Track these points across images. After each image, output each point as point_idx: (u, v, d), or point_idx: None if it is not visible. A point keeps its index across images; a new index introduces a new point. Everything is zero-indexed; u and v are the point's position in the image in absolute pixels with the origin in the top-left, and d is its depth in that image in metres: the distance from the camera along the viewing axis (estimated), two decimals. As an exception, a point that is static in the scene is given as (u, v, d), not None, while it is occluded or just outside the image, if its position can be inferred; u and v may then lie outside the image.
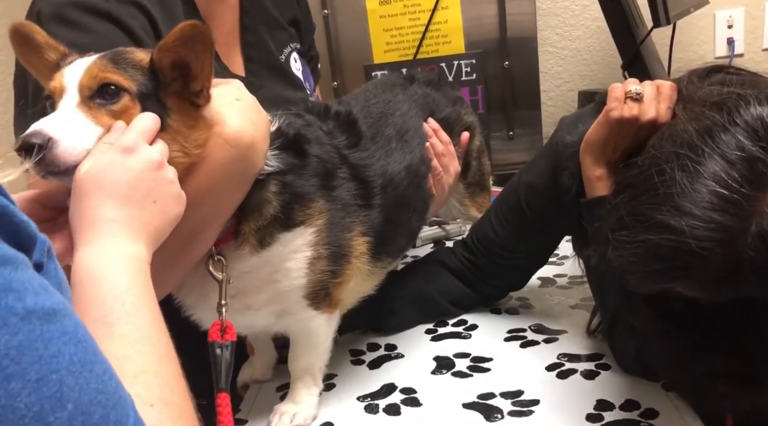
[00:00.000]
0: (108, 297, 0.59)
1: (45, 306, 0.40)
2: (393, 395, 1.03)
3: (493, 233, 1.20)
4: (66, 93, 0.75)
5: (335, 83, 2.06)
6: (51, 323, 0.40)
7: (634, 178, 0.79)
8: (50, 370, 0.38)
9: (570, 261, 1.48)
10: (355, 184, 1.01)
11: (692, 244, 0.68)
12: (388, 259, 1.11)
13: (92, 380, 0.41)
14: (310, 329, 0.99)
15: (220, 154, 0.80)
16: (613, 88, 0.95)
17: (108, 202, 0.66)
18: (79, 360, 0.40)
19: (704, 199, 0.69)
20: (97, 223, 0.65)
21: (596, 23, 2.17)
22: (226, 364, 0.78)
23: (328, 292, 0.97)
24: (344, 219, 0.97)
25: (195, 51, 0.76)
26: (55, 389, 0.38)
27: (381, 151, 1.09)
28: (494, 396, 0.99)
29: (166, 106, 0.78)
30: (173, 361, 0.58)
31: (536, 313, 1.26)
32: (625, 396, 0.94)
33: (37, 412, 0.37)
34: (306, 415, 0.97)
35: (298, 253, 0.92)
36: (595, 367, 1.03)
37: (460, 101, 1.41)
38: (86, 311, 0.57)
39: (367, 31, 2.02)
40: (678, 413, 0.89)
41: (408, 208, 1.15)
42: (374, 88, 1.27)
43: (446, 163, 1.27)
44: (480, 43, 2.01)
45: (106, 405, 0.41)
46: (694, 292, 0.74)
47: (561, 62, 2.26)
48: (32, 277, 0.41)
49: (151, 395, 0.52)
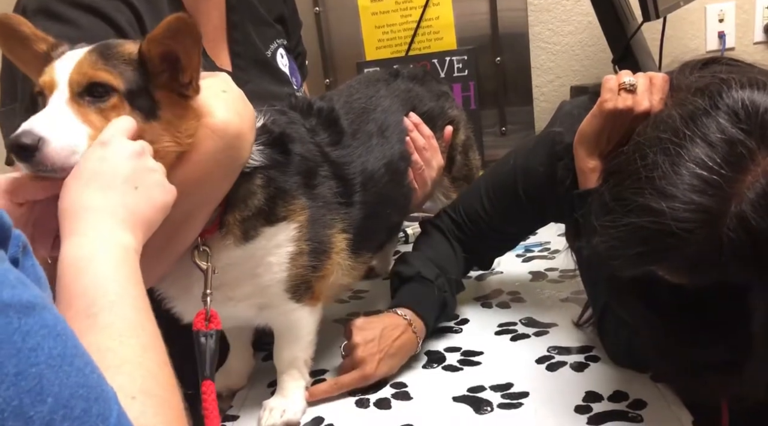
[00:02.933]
0: (91, 287, 0.58)
1: (23, 299, 0.39)
2: (384, 389, 1.03)
3: (483, 212, 1.20)
4: (56, 88, 0.75)
5: (327, 80, 2.07)
6: (29, 316, 0.39)
7: (619, 165, 0.80)
8: (29, 364, 0.38)
9: (561, 255, 1.48)
10: (336, 182, 1.02)
11: (673, 226, 0.68)
12: (368, 254, 1.13)
13: (73, 373, 0.40)
14: (293, 322, 0.99)
15: (207, 144, 0.81)
16: (606, 80, 0.95)
17: (87, 192, 0.66)
18: (59, 353, 0.40)
19: (685, 181, 0.69)
20: (79, 213, 0.65)
21: (587, 18, 2.17)
22: (210, 352, 0.79)
23: (310, 285, 0.98)
24: (325, 216, 0.98)
25: (183, 43, 0.77)
26: (35, 383, 0.37)
27: (362, 147, 1.09)
28: (484, 389, 1.00)
29: (156, 98, 0.79)
30: (158, 350, 0.57)
31: (527, 307, 1.26)
32: (614, 387, 0.94)
33: (17, 406, 0.36)
34: (295, 409, 0.97)
35: (280, 248, 0.93)
36: (585, 360, 1.04)
37: (445, 95, 1.41)
38: (71, 303, 0.57)
39: (359, 28, 2.02)
40: (666, 403, 0.90)
41: (388, 204, 1.16)
42: (358, 84, 1.28)
43: (428, 157, 1.27)
44: (472, 39, 2.01)
45: (87, 398, 0.40)
46: (676, 275, 0.75)
47: (553, 58, 2.26)
48: (8, 270, 0.40)
49: (134, 387, 0.51)
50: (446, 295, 1.15)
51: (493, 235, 1.22)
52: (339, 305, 1.36)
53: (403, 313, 1.09)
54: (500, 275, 1.43)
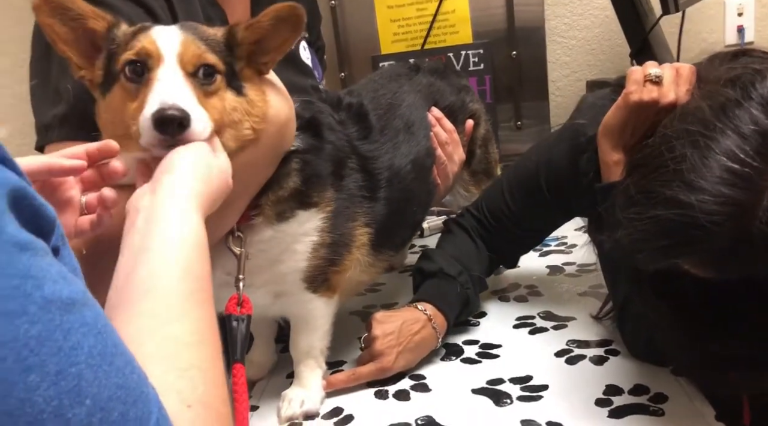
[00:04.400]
0: (202, 274, 0.59)
1: (63, 295, 0.38)
2: (403, 381, 1.03)
3: (507, 209, 1.19)
4: (164, 62, 0.75)
5: (342, 74, 2.06)
6: (70, 313, 0.38)
7: (645, 158, 0.79)
8: (69, 363, 0.36)
9: (578, 249, 1.48)
10: (362, 175, 1.03)
11: (701, 219, 0.67)
12: (390, 251, 1.13)
13: (112, 374, 0.39)
14: (308, 311, 1.00)
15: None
16: (632, 71, 0.94)
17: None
18: (99, 352, 0.38)
19: (715, 174, 0.68)
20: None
21: (604, 12, 2.16)
22: (242, 336, 0.80)
23: (327, 278, 0.98)
24: (349, 209, 0.99)
25: (281, 30, 0.79)
26: (74, 383, 0.36)
27: (389, 143, 1.10)
28: (503, 381, 0.99)
29: (241, 79, 0.82)
30: (221, 363, 0.55)
31: (545, 301, 1.26)
32: (634, 381, 0.94)
33: (56, 407, 0.35)
34: (314, 398, 0.98)
35: (307, 236, 0.93)
36: (604, 353, 1.03)
37: (466, 89, 1.41)
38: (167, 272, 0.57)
39: (375, 22, 2.02)
40: (687, 397, 0.89)
41: (413, 201, 1.16)
42: (380, 79, 1.28)
43: (450, 152, 1.27)
44: (487, 32, 2.00)
45: (126, 401, 0.39)
46: (702, 269, 0.74)
47: (569, 52, 2.25)
48: (51, 264, 0.39)
49: (194, 395, 0.49)
50: (469, 292, 1.15)
51: (518, 232, 1.21)
52: (355, 298, 1.36)
53: (424, 307, 1.09)
54: (517, 269, 1.42)
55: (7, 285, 0.35)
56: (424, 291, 1.13)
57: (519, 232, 1.21)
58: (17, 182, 0.39)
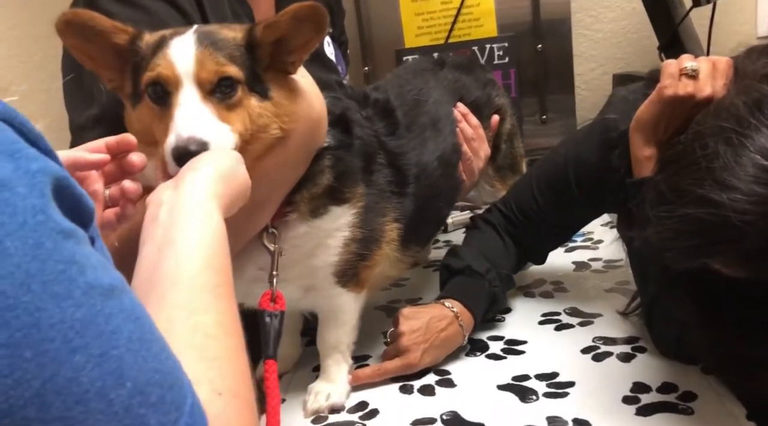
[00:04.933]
0: (224, 268, 0.60)
1: (104, 282, 0.39)
2: (427, 376, 1.03)
3: (535, 205, 1.18)
4: (182, 85, 0.76)
5: (366, 68, 2.06)
6: (110, 299, 0.39)
7: (677, 155, 0.78)
8: (111, 346, 0.38)
9: (605, 245, 1.47)
10: (391, 171, 1.03)
11: (733, 218, 0.66)
12: (416, 247, 1.13)
13: (150, 359, 0.40)
14: (337, 305, 1.00)
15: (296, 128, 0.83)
16: (667, 65, 0.91)
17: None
18: (138, 338, 0.40)
19: (748, 172, 0.67)
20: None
21: (631, 5, 2.12)
22: (275, 332, 0.81)
23: (356, 272, 0.99)
24: (379, 204, 0.99)
25: (303, 30, 0.79)
26: (116, 366, 0.38)
27: (416, 140, 1.10)
28: (529, 378, 0.99)
29: (265, 81, 0.82)
30: (245, 354, 0.57)
31: (571, 297, 1.25)
32: (663, 379, 0.93)
33: (100, 387, 0.36)
34: (340, 392, 0.99)
35: (339, 231, 0.94)
36: (632, 350, 1.02)
37: (491, 83, 1.40)
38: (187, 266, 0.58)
39: (399, 15, 2.01)
40: (717, 396, 0.88)
41: (439, 197, 1.16)
42: (406, 74, 1.27)
43: (476, 147, 1.27)
44: (512, 26, 1.98)
45: (162, 385, 0.40)
46: (733, 269, 0.73)
47: (595, 45, 2.22)
48: (91, 253, 0.40)
49: (223, 384, 0.50)
50: (497, 290, 1.14)
51: (547, 229, 1.20)
52: (380, 292, 1.37)
53: (451, 305, 1.09)
54: (543, 265, 1.41)
55: (54, 269, 0.37)
56: (452, 288, 1.13)
57: (547, 228, 1.20)
58: (60, 172, 0.40)
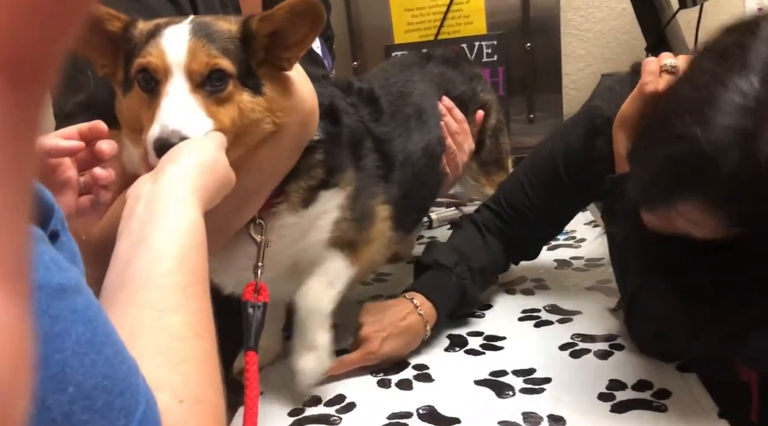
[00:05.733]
0: (198, 266, 0.59)
1: (54, 282, 0.38)
2: (405, 371, 1.04)
3: (526, 199, 1.18)
4: (172, 75, 0.75)
5: (355, 63, 2.06)
6: (59, 300, 0.38)
7: (647, 120, 0.80)
8: (54, 350, 0.36)
9: (587, 243, 1.47)
10: (377, 156, 1.03)
11: (707, 150, 0.67)
12: (401, 232, 1.12)
13: (99, 363, 0.38)
14: (327, 263, 0.97)
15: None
16: (647, 62, 0.93)
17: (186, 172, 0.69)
18: (87, 340, 0.38)
19: (719, 108, 0.68)
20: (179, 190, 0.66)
21: (620, 5, 2.13)
22: (257, 323, 0.80)
23: (354, 243, 0.98)
24: (368, 187, 0.99)
25: (298, 24, 0.79)
26: (57, 370, 0.36)
27: (401, 128, 1.10)
28: (506, 373, 0.99)
29: (258, 76, 0.81)
30: (215, 356, 0.55)
31: (551, 294, 1.26)
32: (638, 376, 0.94)
33: (36, 392, 0.34)
34: (325, 356, 0.96)
35: (328, 213, 0.94)
36: (609, 348, 1.03)
37: (477, 78, 1.40)
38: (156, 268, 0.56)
39: (388, 11, 2.01)
40: (691, 394, 0.89)
41: (423, 186, 1.16)
42: (392, 68, 1.28)
43: (460, 141, 1.27)
44: (502, 24, 1.99)
45: (112, 391, 0.39)
46: (709, 210, 0.72)
47: (584, 45, 2.23)
48: (44, 251, 0.39)
49: (186, 390, 0.49)
50: (465, 283, 1.14)
51: (539, 222, 1.20)
52: (363, 288, 1.37)
53: (412, 297, 1.09)
54: (525, 262, 1.42)
55: None
56: (418, 282, 1.14)
57: (540, 221, 1.20)
58: None
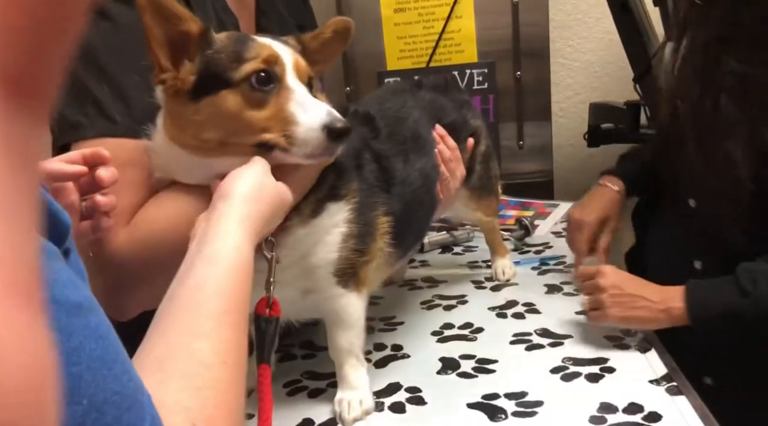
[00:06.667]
0: (237, 295, 0.61)
1: (71, 299, 0.39)
2: (398, 393, 1.04)
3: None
4: (288, 74, 0.81)
5: (348, 89, 2.09)
6: (75, 317, 0.39)
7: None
8: (71, 363, 0.38)
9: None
10: (377, 167, 1.05)
11: None
12: (399, 252, 1.13)
13: (110, 379, 0.40)
14: (342, 306, 0.99)
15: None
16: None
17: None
18: (99, 357, 0.40)
19: None
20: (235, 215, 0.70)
21: (609, 36, 2.19)
22: (269, 338, 0.81)
23: (356, 271, 0.99)
24: (370, 198, 1.00)
25: (333, 43, 0.86)
26: (74, 383, 0.38)
27: (398, 148, 1.11)
28: (498, 396, 1.00)
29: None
30: (240, 387, 0.56)
31: (542, 319, 1.27)
32: (629, 399, 0.94)
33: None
34: (369, 397, 0.99)
35: (337, 227, 0.95)
36: (600, 371, 1.04)
37: (467, 105, 1.42)
38: (198, 293, 0.59)
39: (381, 38, 2.04)
40: (681, 416, 0.90)
41: (421, 206, 1.17)
42: (384, 94, 1.30)
43: (453, 169, 1.29)
44: (492, 52, 2.03)
45: (120, 406, 0.40)
46: None
47: (573, 74, 2.28)
48: (62, 269, 0.40)
49: (202, 415, 0.50)
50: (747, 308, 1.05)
51: None
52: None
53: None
54: (516, 286, 1.43)
55: None
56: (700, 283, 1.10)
57: None
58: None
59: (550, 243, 1.68)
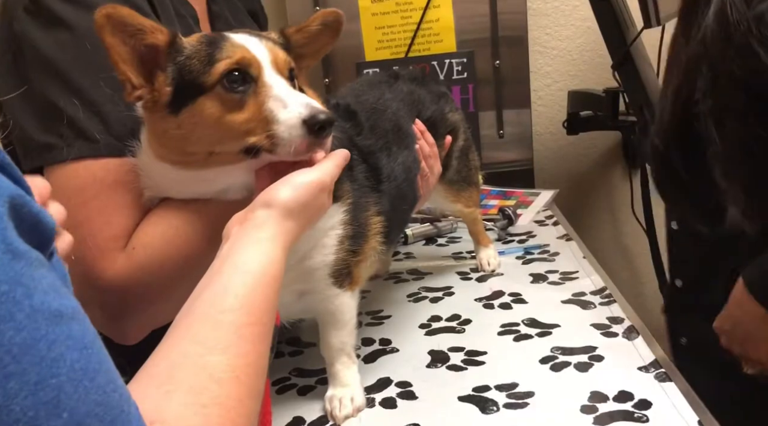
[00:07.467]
0: (261, 309, 0.60)
1: (52, 307, 0.38)
2: (389, 389, 1.03)
3: None
4: (264, 70, 0.77)
5: (327, 80, 2.06)
6: (57, 325, 0.38)
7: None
8: (50, 375, 0.37)
9: (561, 257, 1.50)
10: (365, 167, 1.04)
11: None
12: (386, 248, 1.13)
13: (92, 390, 0.39)
14: (336, 306, 0.99)
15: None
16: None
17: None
18: (81, 367, 0.39)
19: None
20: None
21: (586, 23, 2.19)
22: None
23: (350, 270, 0.98)
24: (362, 199, 1.00)
25: (323, 36, 0.83)
26: (53, 395, 0.36)
27: (381, 141, 1.10)
28: (489, 389, 1.00)
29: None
30: (252, 403, 0.55)
31: (529, 308, 1.27)
32: (619, 387, 0.95)
33: (32, 417, 0.35)
34: (361, 394, 0.99)
35: (334, 230, 0.94)
36: (589, 360, 1.04)
37: (445, 97, 1.41)
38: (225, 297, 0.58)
39: (359, 29, 2.02)
40: (671, 404, 0.91)
41: (405, 200, 1.16)
42: (361, 86, 1.28)
43: (432, 165, 1.29)
44: (471, 42, 2.02)
45: (103, 419, 0.39)
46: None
47: (551, 62, 2.28)
48: (43, 276, 0.39)
49: None
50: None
51: None
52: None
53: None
54: (501, 277, 1.44)
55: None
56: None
57: None
58: (15, 190, 0.39)
59: (533, 232, 1.69)
